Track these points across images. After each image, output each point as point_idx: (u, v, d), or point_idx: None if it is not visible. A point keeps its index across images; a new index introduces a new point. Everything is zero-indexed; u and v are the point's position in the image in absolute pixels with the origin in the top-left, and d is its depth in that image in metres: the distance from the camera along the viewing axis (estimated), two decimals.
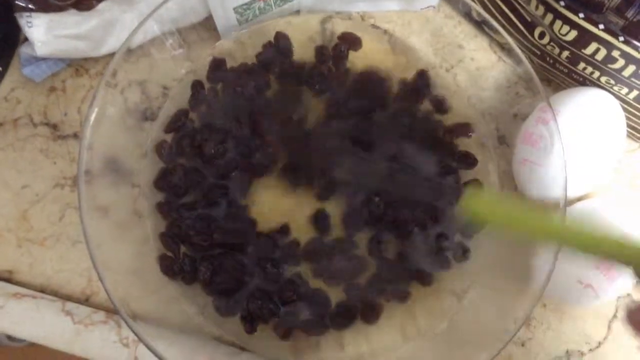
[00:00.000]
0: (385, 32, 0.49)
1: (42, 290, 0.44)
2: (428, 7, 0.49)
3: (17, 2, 0.42)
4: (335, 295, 0.42)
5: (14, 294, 0.43)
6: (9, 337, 0.65)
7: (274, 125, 0.44)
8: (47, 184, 0.46)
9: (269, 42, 0.46)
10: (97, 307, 0.44)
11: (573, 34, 0.41)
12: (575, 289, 0.41)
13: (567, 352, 0.44)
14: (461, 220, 0.44)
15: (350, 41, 0.47)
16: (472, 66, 0.49)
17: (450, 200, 0.44)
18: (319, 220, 0.43)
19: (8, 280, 0.44)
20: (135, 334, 0.36)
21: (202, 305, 0.42)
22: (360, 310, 0.42)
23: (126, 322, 0.36)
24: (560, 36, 0.42)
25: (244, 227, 0.43)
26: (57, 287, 0.44)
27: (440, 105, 0.46)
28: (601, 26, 0.39)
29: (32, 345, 0.75)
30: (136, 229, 0.43)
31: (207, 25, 0.46)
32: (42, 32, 0.43)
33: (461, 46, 0.49)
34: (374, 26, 0.49)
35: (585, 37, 0.40)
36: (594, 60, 0.42)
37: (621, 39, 0.39)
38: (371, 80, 0.46)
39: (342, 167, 0.43)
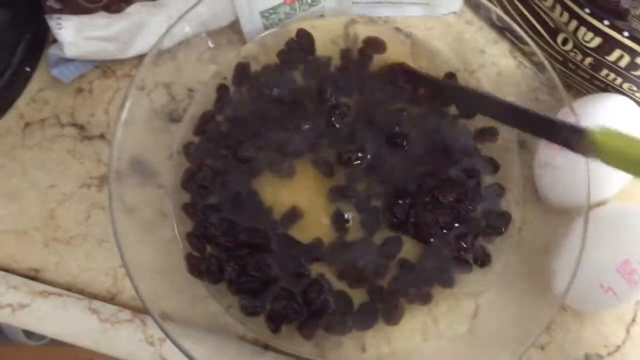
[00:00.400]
0: (408, 36, 0.49)
1: (68, 288, 0.44)
2: (450, 12, 0.49)
3: (47, 4, 0.43)
4: (358, 296, 0.43)
5: (41, 292, 0.43)
6: (27, 335, 0.66)
7: (300, 125, 0.45)
8: (74, 184, 0.46)
9: (291, 39, 0.47)
10: (122, 305, 0.44)
11: (597, 40, 0.41)
12: (597, 293, 0.41)
13: (585, 355, 0.45)
14: (482, 223, 0.44)
15: (375, 45, 0.48)
16: (494, 71, 0.49)
17: (472, 204, 0.44)
18: (337, 220, 0.44)
19: (34, 278, 0.45)
20: (164, 332, 0.36)
21: (227, 305, 0.42)
22: (382, 311, 0.43)
23: (155, 320, 0.36)
24: (584, 43, 0.42)
25: (269, 227, 0.43)
26: (83, 286, 0.45)
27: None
28: (626, 33, 0.40)
29: (47, 346, 0.76)
30: (162, 230, 0.44)
31: (234, 29, 0.47)
32: (71, 33, 0.44)
33: (483, 51, 0.49)
34: (397, 29, 0.49)
35: (609, 44, 0.41)
36: (617, 67, 0.42)
37: None
38: (400, 73, 0.47)
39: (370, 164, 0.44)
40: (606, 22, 0.40)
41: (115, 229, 0.38)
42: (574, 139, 0.33)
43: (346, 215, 0.44)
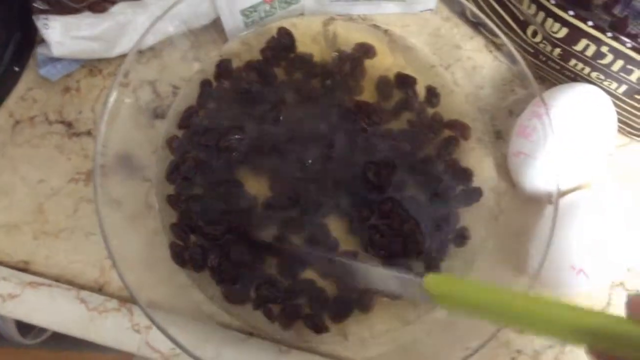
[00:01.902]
0: (385, 32, 0.51)
1: (57, 280, 0.46)
2: (427, 9, 0.51)
3: (35, 5, 0.44)
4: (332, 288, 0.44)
5: (30, 282, 0.45)
6: (22, 334, 0.67)
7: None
8: (62, 179, 0.48)
9: (272, 37, 0.48)
10: (110, 295, 0.45)
11: (564, 31, 0.43)
12: (569, 275, 0.42)
13: None
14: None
15: (365, 50, 0.49)
16: (469, 65, 0.51)
17: (450, 188, 0.46)
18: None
19: (24, 270, 0.46)
20: (150, 318, 0.37)
21: (211, 293, 0.44)
22: (354, 301, 0.44)
23: (141, 308, 0.38)
24: (551, 34, 0.44)
25: (251, 218, 0.45)
26: (72, 277, 0.46)
27: (433, 96, 0.49)
28: (590, 23, 0.41)
29: (41, 349, 0.77)
30: (147, 221, 0.45)
31: (216, 27, 0.49)
32: (58, 33, 0.45)
33: (458, 46, 0.51)
34: (375, 27, 0.51)
35: (575, 34, 0.42)
36: (584, 57, 0.44)
37: (609, 34, 0.41)
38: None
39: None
40: (571, 13, 0.41)
41: (101, 222, 0.39)
42: (415, 291, 0.34)
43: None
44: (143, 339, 0.44)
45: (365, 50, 0.50)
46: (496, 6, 0.48)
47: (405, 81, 0.49)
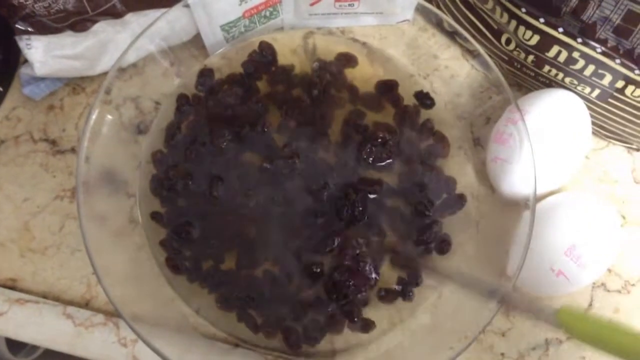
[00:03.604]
0: (364, 44, 0.52)
1: (45, 296, 0.46)
2: (403, 21, 0.52)
3: (17, 25, 0.45)
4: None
5: (17, 299, 0.45)
6: (13, 353, 0.67)
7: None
8: (48, 197, 0.48)
9: (254, 51, 0.49)
10: (97, 310, 0.46)
11: (536, 38, 0.44)
12: (549, 277, 0.43)
13: (546, 340, 0.47)
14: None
15: (347, 59, 0.50)
16: (447, 74, 0.51)
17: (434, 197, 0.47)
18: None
19: (12, 288, 0.46)
20: (134, 332, 0.38)
21: (197, 306, 0.44)
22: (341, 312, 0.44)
23: (126, 322, 0.38)
24: (524, 41, 0.45)
25: (237, 230, 0.45)
26: (59, 293, 0.46)
27: (426, 99, 0.50)
28: (560, 29, 0.42)
29: None
30: (132, 236, 0.45)
31: (196, 43, 0.50)
32: (40, 53, 0.46)
33: (436, 56, 0.52)
34: (353, 39, 0.52)
35: (547, 41, 0.43)
36: (556, 63, 0.44)
37: (579, 40, 0.42)
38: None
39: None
40: (542, 20, 0.42)
41: (85, 238, 0.39)
42: (548, 320, 0.36)
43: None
44: (130, 352, 0.45)
45: (347, 60, 0.50)
46: (470, 16, 0.49)
47: (387, 86, 0.50)
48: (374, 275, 0.45)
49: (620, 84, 0.43)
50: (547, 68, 0.46)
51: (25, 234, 0.47)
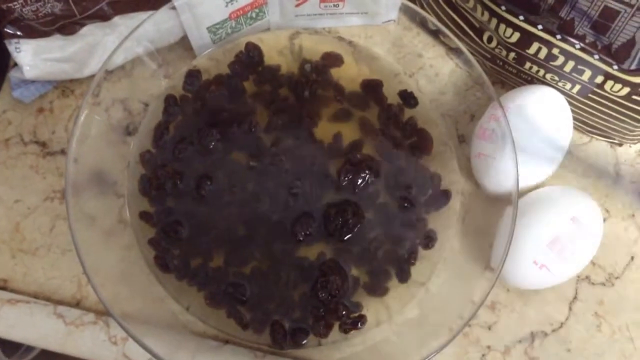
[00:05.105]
0: (350, 43, 0.52)
1: (36, 296, 0.47)
2: (388, 21, 0.53)
3: (6, 29, 0.46)
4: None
5: (8, 299, 0.46)
6: (7, 355, 0.67)
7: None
8: (38, 198, 0.49)
9: (240, 51, 0.50)
10: (88, 309, 0.46)
11: (516, 35, 0.44)
12: (532, 270, 0.43)
13: (531, 333, 0.47)
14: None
15: (332, 59, 0.51)
16: (432, 72, 0.52)
17: (420, 193, 0.47)
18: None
19: (3, 288, 0.47)
20: (124, 330, 0.39)
21: (187, 304, 0.45)
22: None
23: (116, 320, 0.39)
24: (505, 39, 0.45)
25: (225, 227, 0.46)
26: (50, 293, 0.47)
27: (410, 98, 0.50)
28: (540, 26, 0.43)
29: None
30: (122, 236, 0.46)
31: (184, 44, 0.50)
32: (29, 56, 0.47)
33: (420, 55, 0.52)
34: (340, 38, 0.53)
35: (527, 38, 0.44)
36: (537, 59, 0.45)
37: (558, 37, 0.43)
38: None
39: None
40: (521, 17, 0.43)
41: (75, 238, 0.40)
42: None
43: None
44: (120, 350, 0.45)
45: (333, 59, 0.51)
46: (453, 15, 0.49)
47: (372, 85, 0.50)
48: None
49: (599, 79, 0.44)
50: (528, 65, 0.47)
51: (16, 235, 0.48)
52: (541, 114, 0.46)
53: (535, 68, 0.46)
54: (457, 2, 0.48)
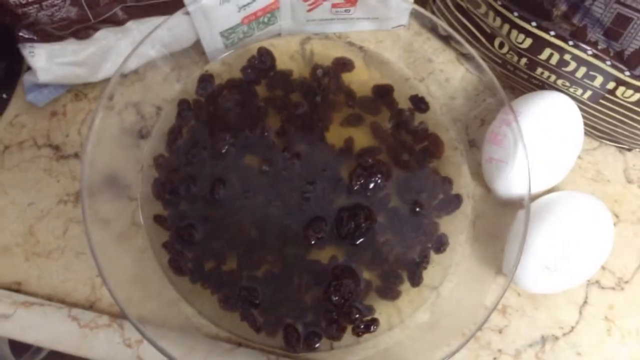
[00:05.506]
0: (360, 48, 0.53)
1: (50, 299, 0.47)
2: (399, 26, 0.53)
3: (20, 34, 0.46)
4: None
5: (23, 302, 0.46)
6: (16, 355, 0.67)
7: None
8: (51, 201, 0.49)
9: (253, 56, 0.50)
10: (101, 312, 0.46)
11: (528, 41, 0.45)
12: (545, 275, 0.44)
13: (542, 337, 0.47)
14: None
15: (343, 64, 0.51)
16: (442, 77, 0.53)
17: (431, 197, 0.48)
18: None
19: (17, 291, 0.47)
20: (140, 332, 0.39)
21: (200, 307, 0.45)
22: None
23: (132, 323, 0.39)
24: (517, 44, 0.46)
25: (238, 231, 0.46)
26: (64, 296, 0.47)
27: (421, 103, 0.51)
28: (552, 33, 0.43)
29: None
30: (135, 239, 0.46)
31: (197, 49, 0.51)
32: (43, 60, 0.47)
33: (431, 60, 0.53)
34: (350, 43, 0.53)
35: (539, 44, 0.44)
36: (549, 65, 0.46)
37: (571, 43, 0.43)
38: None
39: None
40: (534, 24, 0.43)
41: (90, 241, 0.40)
42: None
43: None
44: (134, 352, 0.45)
45: (344, 64, 0.51)
46: (464, 20, 0.50)
47: (383, 90, 0.51)
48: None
49: (611, 85, 0.44)
50: (539, 70, 0.47)
51: (29, 238, 0.48)
52: (552, 120, 0.46)
53: (546, 74, 0.47)
54: (468, 7, 0.48)
